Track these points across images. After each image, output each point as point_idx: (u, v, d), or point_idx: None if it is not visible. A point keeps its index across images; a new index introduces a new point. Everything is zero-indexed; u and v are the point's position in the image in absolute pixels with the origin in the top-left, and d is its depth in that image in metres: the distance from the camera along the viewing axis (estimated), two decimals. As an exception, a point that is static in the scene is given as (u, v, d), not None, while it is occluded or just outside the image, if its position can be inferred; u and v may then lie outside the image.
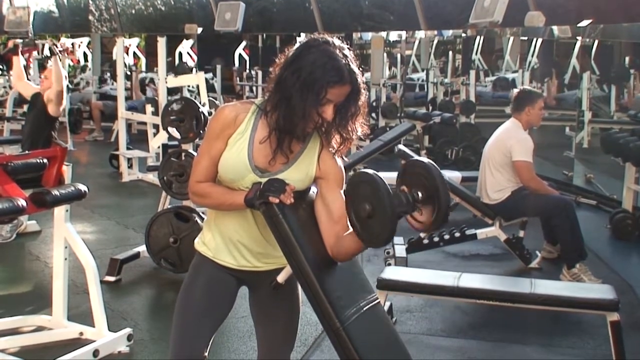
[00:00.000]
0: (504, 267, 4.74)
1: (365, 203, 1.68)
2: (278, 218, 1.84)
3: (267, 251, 1.98)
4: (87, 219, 5.93)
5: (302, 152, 1.90)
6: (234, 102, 1.94)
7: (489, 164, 4.69)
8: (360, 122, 1.88)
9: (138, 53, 15.54)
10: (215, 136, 1.88)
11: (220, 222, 1.99)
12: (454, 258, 4.99)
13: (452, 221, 5.26)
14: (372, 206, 1.66)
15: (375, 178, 1.68)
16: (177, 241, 4.26)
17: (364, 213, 1.68)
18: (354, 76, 1.80)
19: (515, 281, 3.56)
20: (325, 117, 1.81)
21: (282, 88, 1.80)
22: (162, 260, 4.33)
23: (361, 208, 1.69)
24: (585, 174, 7.61)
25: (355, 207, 1.72)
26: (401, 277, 3.30)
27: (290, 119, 1.79)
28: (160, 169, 4.42)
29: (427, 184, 1.69)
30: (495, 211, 4.70)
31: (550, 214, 4.56)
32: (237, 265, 1.99)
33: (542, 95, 4.91)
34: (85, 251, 3.33)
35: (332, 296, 1.84)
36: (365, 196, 1.68)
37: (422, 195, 1.69)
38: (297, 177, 1.90)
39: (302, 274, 1.85)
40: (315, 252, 1.88)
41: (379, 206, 1.64)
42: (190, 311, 1.97)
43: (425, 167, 1.71)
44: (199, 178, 1.94)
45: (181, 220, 4.30)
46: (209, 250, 2.01)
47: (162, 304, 4.11)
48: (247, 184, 1.89)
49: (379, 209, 1.64)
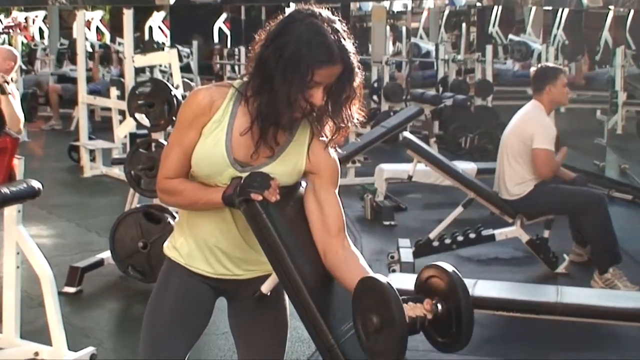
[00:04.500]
0: (526, 273, 4.74)
1: (372, 314, 1.69)
2: (261, 218, 1.83)
3: (249, 257, 1.98)
4: (42, 221, 5.89)
5: (289, 143, 1.89)
6: (209, 85, 1.92)
7: (507, 153, 4.69)
8: (356, 106, 1.87)
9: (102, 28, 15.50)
10: (188, 125, 1.87)
11: (194, 223, 1.98)
12: (469, 263, 4.98)
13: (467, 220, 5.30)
14: (381, 320, 1.67)
15: (386, 290, 1.67)
16: (147, 246, 4.25)
17: (372, 326, 1.69)
18: (345, 54, 1.79)
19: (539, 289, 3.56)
20: (313, 103, 1.80)
21: (263, 70, 1.79)
22: (130, 268, 4.33)
23: (369, 319, 1.70)
24: (620, 164, 7.62)
25: (362, 316, 1.73)
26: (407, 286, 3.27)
27: (274, 107, 1.78)
28: (127, 162, 4.40)
29: (448, 294, 1.72)
30: (516, 208, 4.70)
31: (579, 210, 4.56)
32: (214, 274, 1.99)
33: (564, 70, 4.90)
34: (40, 258, 3.31)
35: (326, 308, 1.83)
36: (373, 306, 1.69)
37: (442, 308, 1.72)
38: (283, 171, 1.89)
39: (290, 282, 1.84)
40: (305, 257, 1.87)
41: (388, 326, 1.66)
42: (160, 326, 1.97)
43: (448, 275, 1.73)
44: (168, 173, 1.93)
45: (152, 222, 4.28)
46: (181, 256, 2.00)
47: (129, 319, 4.09)
48: (225, 179, 1.88)
49: (387, 329, 1.66)
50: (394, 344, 1.64)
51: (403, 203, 6.44)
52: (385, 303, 1.65)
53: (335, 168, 1.93)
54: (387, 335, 1.65)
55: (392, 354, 1.65)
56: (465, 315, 1.68)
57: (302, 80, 1.75)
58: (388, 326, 1.65)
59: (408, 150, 5.02)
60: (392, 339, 1.64)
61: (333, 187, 1.92)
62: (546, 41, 9.95)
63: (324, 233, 1.89)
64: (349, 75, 1.81)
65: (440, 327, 1.72)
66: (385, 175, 6.17)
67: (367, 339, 1.71)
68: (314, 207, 1.91)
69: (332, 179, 1.92)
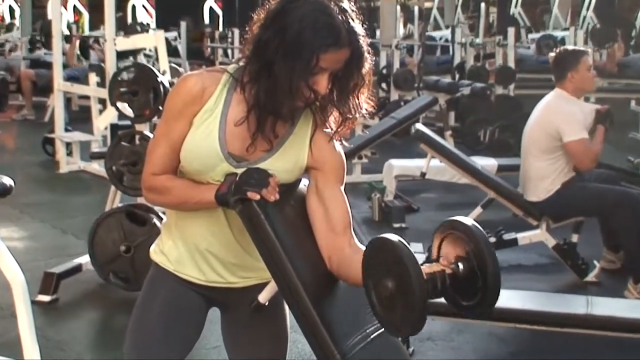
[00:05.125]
0: (553, 282, 4.74)
1: (387, 280, 1.65)
2: (259, 219, 1.83)
3: (245, 262, 1.98)
4: (14, 222, 5.90)
5: (289, 135, 1.89)
6: (199, 71, 1.92)
7: (531, 148, 4.69)
8: (365, 95, 1.87)
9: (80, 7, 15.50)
10: (176, 114, 1.87)
11: (183, 225, 1.98)
12: (488, 270, 4.98)
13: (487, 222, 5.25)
14: (397, 285, 1.63)
15: (402, 251, 1.63)
16: (131, 250, 4.25)
17: (385, 291, 1.66)
18: (354, 37, 1.78)
19: (567, 299, 3.56)
20: (318, 91, 1.80)
21: (261, 54, 1.78)
22: (111, 274, 4.32)
23: (382, 285, 1.67)
24: (657, 160, 7.60)
25: (375, 283, 1.70)
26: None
27: (273, 95, 1.78)
28: (108, 156, 4.39)
29: (471, 253, 1.68)
30: (541, 209, 4.70)
31: (611, 212, 4.55)
32: (206, 281, 1.99)
33: (586, 52, 4.89)
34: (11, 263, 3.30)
35: (331, 320, 1.83)
36: (384, 269, 1.66)
37: (463, 269, 1.67)
38: (283, 167, 1.89)
39: (290, 291, 1.84)
40: (308, 262, 1.87)
41: (404, 290, 1.62)
42: (146, 339, 1.97)
43: (468, 231, 1.69)
44: (154, 169, 1.93)
45: (135, 223, 4.28)
46: (169, 261, 2.00)
47: (111, 331, 4.09)
48: (218, 176, 1.88)
49: (404, 294, 1.62)
50: (413, 308, 1.60)
51: (415, 203, 6.43)
52: (398, 262, 1.62)
53: (341, 163, 1.93)
54: (405, 299, 1.62)
55: (412, 319, 1.62)
56: (491, 270, 1.63)
57: (305, 65, 1.75)
58: (404, 288, 1.61)
59: (421, 144, 5.02)
60: (410, 301, 1.61)
61: (338, 184, 1.92)
62: (574, 24, 9.94)
63: (329, 234, 1.89)
64: (357, 60, 1.81)
65: (463, 288, 1.68)
66: (395, 172, 6.16)
67: (382, 308, 1.69)
68: (317, 206, 1.91)
69: (338, 175, 1.92)
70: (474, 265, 1.66)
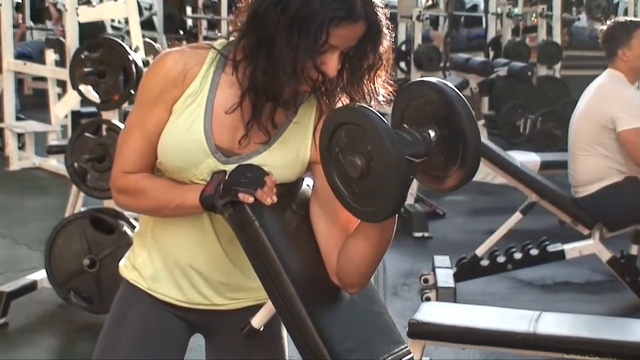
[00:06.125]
0: (607, 303, 4.74)
1: (353, 155, 1.67)
2: (252, 226, 1.83)
3: (235, 281, 1.98)
4: (-46, 230, 5.91)
5: (289, 124, 1.90)
6: (180, 47, 1.93)
7: (580, 140, 4.68)
8: (382, 79, 1.87)
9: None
10: (153, 100, 1.88)
11: (160, 234, 1.99)
12: (530, 289, 4.99)
13: (527, 231, 5.26)
14: (365, 157, 1.65)
15: (364, 112, 1.66)
16: (96, 264, 4.25)
17: (355, 171, 1.67)
18: (371, 9, 1.79)
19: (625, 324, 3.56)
20: (326, 72, 1.79)
21: (259, 27, 1.78)
22: (72, 293, 4.32)
23: (348, 164, 1.68)
24: None
25: (338, 164, 1.71)
26: (446, 319, 3.29)
27: (273, 76, 1.78)
28: (69, 150, 4.39)
29: (441, 116, 1.70)
30: (594, 215, 4.69)
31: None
32: (187, 302, 2.00)
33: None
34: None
35: (339, 348, 1.83)
36: (353, 144, 1.67)
37: (435, 135, 1.70)
38: (282, 163, 1.89)
39: (290, 314, 1.84)
40: (311, 278, 1.87)
41: (376, 152, 1.63)
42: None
43: (435, 89, 1.71)
44: (126, 166, 1.94)
45: (102, 231, 4.29)
46: (143, 278, 2.01)
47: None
48: (203, 174, 1.88)
49: (377, 157, 1.64)
50: (392, 175, 1.62)
51: (440, 208, 6.43)
52: (366, 129, 1.64)
53: None
54: (380, 175, 1.63)
55: (390, 199, 1.64)
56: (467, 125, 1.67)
57: (312, 42, 1.75)
58: (379, 162, 1.63)
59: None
60: (388, 168, 1.62)
61: None
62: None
63: (335, 239, 1.89)
64: (374, 37, 1.81)
65: (437, 157, 1.71)
66: (417, 171, 6.15)
67: (353, 195, 1.70)
68: (320, 211, 1.91)
69: None
70: (447, 131, 1.69)
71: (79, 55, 4.58)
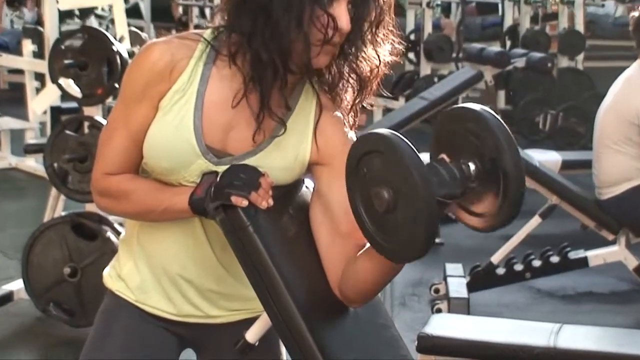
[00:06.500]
0: (633, 314, 4.76)
1: (380, 187, 1.64)
2: (246, 232, 1.82)
3: (230, 290, 1.99)
4: None
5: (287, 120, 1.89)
6: (168, 38, 1.93)
7: (605, 138, 4.68)
8: (386, 35, 1.86)
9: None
10: (138, 95, 1.88)
11: (147, 240, 1.99)
12: (550, 299, 4.99)
13: (547, 236, 5.25)
14: (394, 191, 1.62)
15: (394, 142, 1.63)
16: (77, 273, 4.25)
17: (381, 204, 1.64)
18: None
19: (654, 338, 3.55)
20: (341, 26, 1.76)
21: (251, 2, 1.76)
22: (52, 305, 4.32)
23: (375, 196, 1.65)
24: None
25: (365, 195, 1.69)
26: (459, 333, 3.29)
27: (281, 39, 1.75)
28: (48, 149, 4.40)
29: (483, 148, 1.67)
30: (619, 219, 4.69)
31: None
32: (178, 315, 2.00)
33: None
34: None
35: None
36: (381, 174, 1.65)
37: (475, 168, 1.66)
38: (279, 163, 1.89)
39: (288, 327, 1.83)
40: (310, 289, 1.88)
41: (405, 188, 1.61)
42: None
43: (477, 117, 1.69)
44: (109, 167, 1.94)
45: (84, 238, 4.29)
46: (129, 289, 2.01)
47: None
48: (193, 176, 1.89)
49: (405, 194, 1.61)
50: (420, 219, 1.59)
51: (452, 211, 6.42)
52: (396, 162, 1.61)
53: None
54: (406, 216, 1.61)
55: (414, 245, 1.62)
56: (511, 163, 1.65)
57: None
58: (404, 190, 1.60)
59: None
60: (415, 210, 1.59)
61: None
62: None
63: (337, 248, 1.88)
64: None
65: (473, 194, 1.68)
66: (427, 171, 6.14)
67: (377, 229, 1.68)
68: (322, 216, 1.91)
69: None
70: (489, 164, 1.66)
71: (58, 46, 4.58)
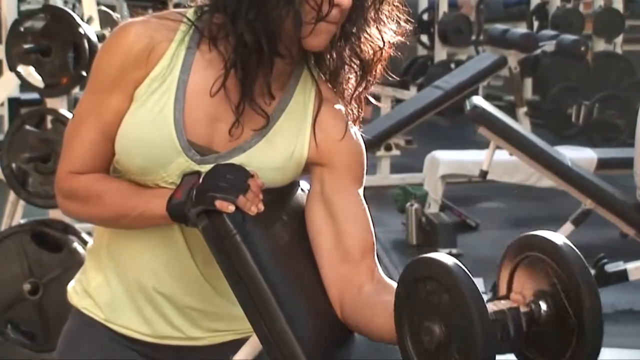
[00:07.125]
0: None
1: (432, 321, 1.65)
2: (233, 241, 1.81)
3: (212, 308, 2.00)
4: None
5: (280, 114, 1.91)
6: (145, 17, 1.92)
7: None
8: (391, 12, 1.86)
9: None
10: (110, 84, 1.88)
11: (119, 250, 2.00)
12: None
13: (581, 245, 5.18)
14: (447, 327, 1.63)
15: (461, 281, 1.64)
16: (39, 289, 4.25)
17: (431, 342, 1.65)
18: None
19: None
20: (339, 0, 1.75)
21: None
22: (9, 326, 4.33)
23: (425, 331, 1.66)
24: None
25: (412, 324, 1.69)
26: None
27: (268, 15, 1.74)
28: (5, 147, 4.41)
29: (558, 284, 1.66)
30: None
31: None
32: (154, 337, 2.00)
33: None
34: None
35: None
36: (436, 307, 1.65)
37: (548, 308, 1.67)
38: (272, 162, 1.90)
39: (281, 351, 1.82)
40: (307, 306, 1.89)
41: (460, 335, 1.61)
42: None
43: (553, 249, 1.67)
44: (76, 165, 1.93)
45: (46, 248, 4.29)
46: (98, 306, 2.02)
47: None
48: (172, 176, 1.89)
49: (459, 340, 1.62)
50: None
51: (472, 218, 6.44)
52: (453, 296, 1.61)
53: (360, 156, 1.95)
54: (459, 352, 1.61)
55: None
56: (590, 311, 1.61)
57: None
58: (461, 335, 1.60)
59: (479, 127, 5.01)
60: (468, 355, 1.59)
61: (355, 186, 1.93)
62: None
63: (341, 263, 1.88)
64: None
65: (545, 338, 1.67)
66: (442, 171, 6.20)
67: None
68: (323, 222, 1.91)
69: (355, 174, 1.93)
70: (563, 305, 1.64)
71: (17, 28, 4.54)
